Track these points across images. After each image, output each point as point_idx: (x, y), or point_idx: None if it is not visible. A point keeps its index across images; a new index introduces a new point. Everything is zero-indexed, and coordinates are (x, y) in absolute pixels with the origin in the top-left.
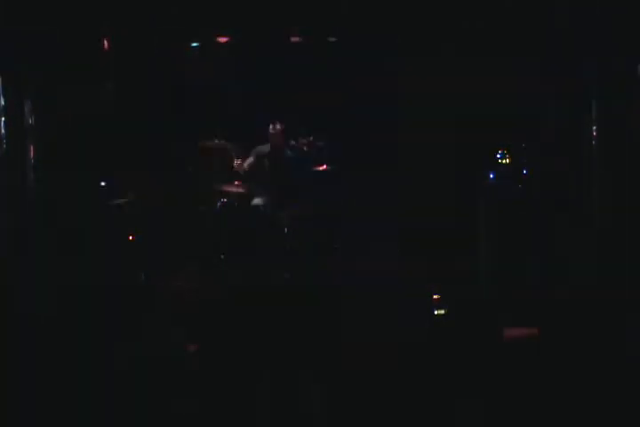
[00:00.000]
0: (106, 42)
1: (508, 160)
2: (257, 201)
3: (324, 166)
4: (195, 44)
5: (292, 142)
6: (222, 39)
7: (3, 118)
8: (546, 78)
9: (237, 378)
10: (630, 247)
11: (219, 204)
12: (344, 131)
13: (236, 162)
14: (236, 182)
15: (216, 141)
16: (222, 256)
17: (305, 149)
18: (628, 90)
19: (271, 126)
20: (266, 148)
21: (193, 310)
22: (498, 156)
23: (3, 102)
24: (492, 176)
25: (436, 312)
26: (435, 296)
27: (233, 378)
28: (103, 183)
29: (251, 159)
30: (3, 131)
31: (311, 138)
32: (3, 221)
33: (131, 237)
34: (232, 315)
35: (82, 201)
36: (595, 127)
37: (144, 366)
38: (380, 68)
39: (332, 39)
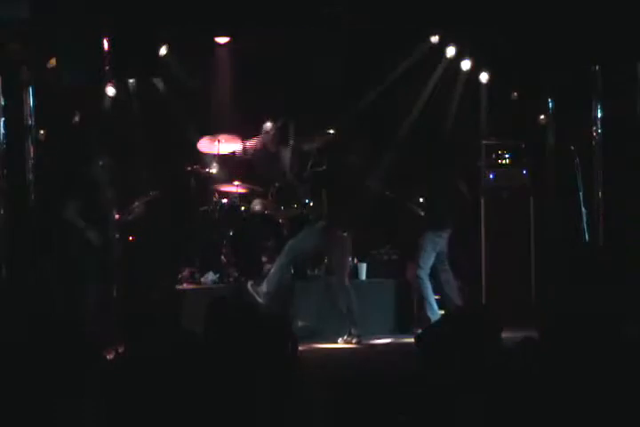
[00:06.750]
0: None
1: (507, 160)
2: (257, 201)
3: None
4: None
5: (292, 142)
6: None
7: (3, 118)
8: None
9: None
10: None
11: (219, 204)
12: None
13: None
14: (237, 183)
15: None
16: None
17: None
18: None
19: (264, 126)
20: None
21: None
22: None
23: (3, 102)
24: (491, 176)
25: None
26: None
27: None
28: None
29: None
30: (2, 131)
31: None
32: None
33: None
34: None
35: None
36: (594, 127)
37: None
38: None
39: None
